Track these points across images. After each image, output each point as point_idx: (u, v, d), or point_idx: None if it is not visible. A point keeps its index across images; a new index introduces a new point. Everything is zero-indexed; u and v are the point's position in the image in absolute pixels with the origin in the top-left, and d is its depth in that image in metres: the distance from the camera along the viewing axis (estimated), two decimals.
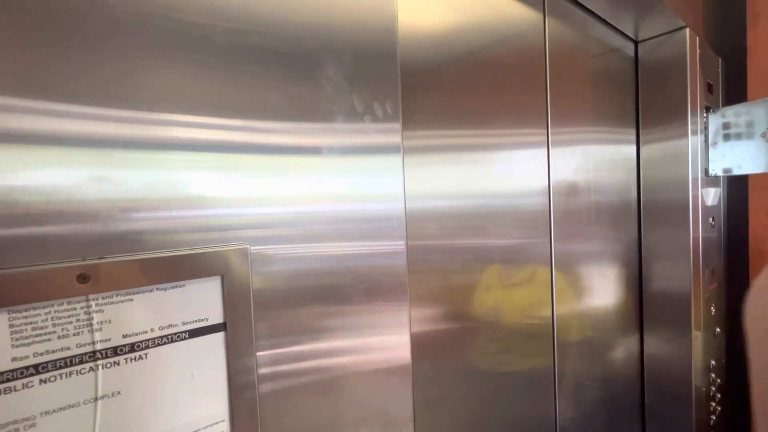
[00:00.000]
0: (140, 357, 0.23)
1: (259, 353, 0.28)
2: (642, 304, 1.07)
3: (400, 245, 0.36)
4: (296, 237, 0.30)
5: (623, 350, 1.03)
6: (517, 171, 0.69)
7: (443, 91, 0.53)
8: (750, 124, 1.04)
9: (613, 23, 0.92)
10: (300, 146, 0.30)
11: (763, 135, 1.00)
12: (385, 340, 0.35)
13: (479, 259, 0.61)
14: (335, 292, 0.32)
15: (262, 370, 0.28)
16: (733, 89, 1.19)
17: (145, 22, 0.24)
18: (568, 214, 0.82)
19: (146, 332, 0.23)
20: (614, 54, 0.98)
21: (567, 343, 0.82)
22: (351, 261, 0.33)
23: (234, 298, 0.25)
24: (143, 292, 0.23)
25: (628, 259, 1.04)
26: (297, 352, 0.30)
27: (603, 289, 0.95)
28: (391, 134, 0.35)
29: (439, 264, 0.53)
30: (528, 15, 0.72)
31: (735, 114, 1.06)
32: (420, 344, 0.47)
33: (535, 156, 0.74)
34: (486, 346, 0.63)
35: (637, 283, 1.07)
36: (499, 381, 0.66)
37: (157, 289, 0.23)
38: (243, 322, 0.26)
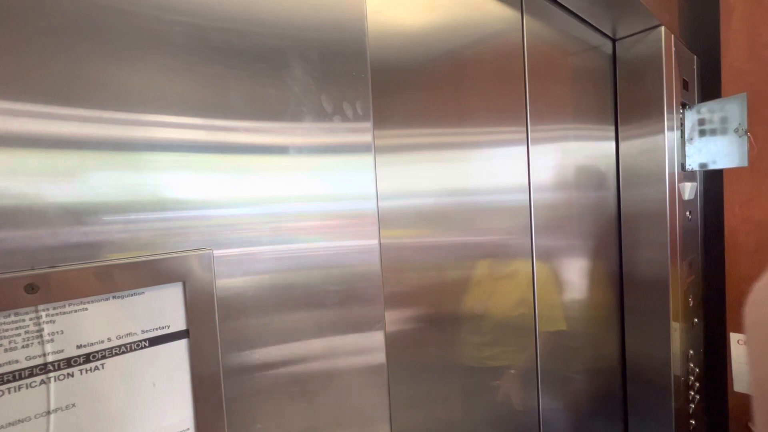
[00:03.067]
0: (96, 368, 0.22)
1: (225, 359, 0.27)
2: (623, 297, 1.10)
3: (372, 244, 0.35)
4: (263, 239, 0.29)
5: (605, 342, 1.05)
6: (496, 168, 0.70)
7: (419, 89, 0.53)
8: (724, 120, 1.07)
9: (590, 21, 0.94)
10: (266, 145, 0.29)
11: (736, 130, 1.03)
12: (358, 341, 0.35)
13: (458, 256, 0.61)
14: (305, 294, 0.32)
15: (230, 376, 0.28)
16: (708, 86, 1.22)
17: (98, 18, 0.23)
18: (549, 210, 0.83)
19: (102, 342, 0.22)
20: (593, 52, 0.99)
21: (549, 336, 0.83)
22: (322, 261, 0.33)
23: (197, 304, 0.25)
24: (98, 300, 0.22)
25: (609, 252, 1.06)
26: (266, 357, 0.30)
27: (585, 283, 0.97)
28: (361, 134, 0.35)
29: (416, 262, 0.53)
30: (505, 13, 0.73)
31: (710, 110, 1.08)
32: (396, 343, 0.47)
33: (515, 153, 0.75)
34: (467, 342, 0.64)
35: (617, 276, 1.09)
36: (480, 376, 0.67)
37: (114, 297, 0.23)
38: (207, 328, 0.25)
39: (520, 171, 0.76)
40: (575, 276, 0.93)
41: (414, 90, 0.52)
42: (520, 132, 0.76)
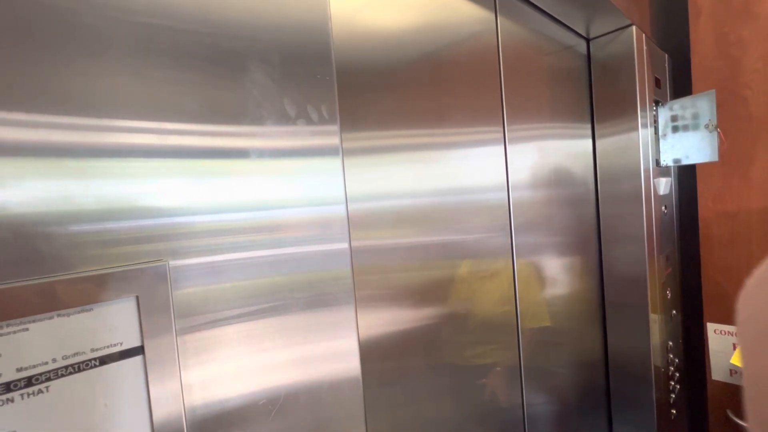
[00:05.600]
0: (40, 391, 0.21)
1: (185, 375, 0.26)
2: (603, 291, 1.11)
3: (342, 248, 0.35)
4: (225, 246, 0.28)
5: (588, 336, 1.07)
6: (474, 168, 0.70)
7: (393, 91, 0.53)
8: (695, 116, 1.10)
9: (564, 21, 0.95)
10: (223, 149, 0.28)
11: (707, 126, 1.06)
12: (330, 350, 0.34)
13: (437, 256, 0.61)
14: (272, 302, 0.31)
15: (192, 393, 0.27)
16: (680, 83, 1.25)
17: (36, 17, 0.22)
18: (528, 208, 0.83)
19: (46, 363, 0.21)
20: (568, 51, 1.01)
21: (532, 333, 0.84)
22: (288, 267, 0.32)
23: (152, 318, 0.24)
24: (41, 320, 0.21)
25: (589, 248, 1.08)
26: (231, 371, 0.29)
27: (566, 278, 0.98)
28: (328, 137, 0.34)
29: (394, 263, 0.52)
30: (479, 13, 0.73)
31: (681, 107, 1.11)
32: (371, 349, 0.46)
33: (492, 152, 0.75)
34: (449, 342, 0.64)
35: (598, 271, 1.11)
36: (464, 376, 0.67)
37: (59, 315, 0.21)
38: (164, 343, 0.24)
39: (498, 170, 0.77)
40: (556, 272, 0.95)
41: (388, 91, 0.52)
42: (497, 132, 0.77)
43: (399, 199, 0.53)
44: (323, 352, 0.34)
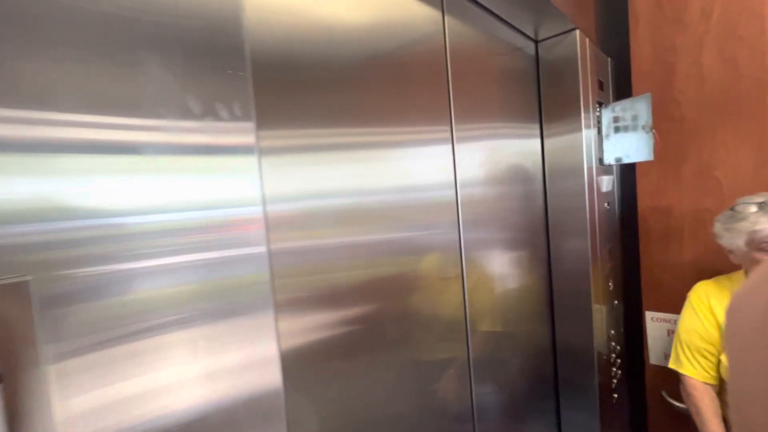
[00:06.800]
0: None
1: (66, 406, 0.24)
2: (552, 284, 1.17)
3: (258, 252, 0.33)
4: (115, 255, 0.26)
5: (537, 327, 1.12)
6: (417, 167, 0.70)
7: (324, 89, 0.52)
8: (634, 118, 1.16)
9: (512, 23, 0.97)
10: (112, 144, 0.26)
11: (644, 127, 1.13)
12: (246, 361, 0.32)
13: (370, 254, 0.61)
14: (177, 315, 0.29)
15: (76, 422, 0.24)
16: (622, 86, 1.32)
17: None
18: (477, 206, 0.85)
19: None
20: (517, 53, 1.03)
21: (481, 326, 0.86)
22: (197, 275, 0.30)
23: (12, 343, 0.21)
24: None
25: (538, 243, 1.12)
26: (127, 396, 0.27)
27: (516, 273, 1.01)
28: (240, 135, 0.32)
29: (320, 265, 0.50)
30: (424, 10, 0.73)
31: (622, 109, 1.18)
32: (295, 356, 0.44)
33: (438, 152, 0.76)
34: (392, 342, 0.64)
35: (546, 264, 1.15)
36: (410, 374, 0.67)
37: None
38: (27, 370, 0.22)
39: (445, 168, 0.77)
40: (506, 267, 0.98)
41: (319, 89, 0.50)
42: (444, 131, 0.77)
43: (330, 199, 0.52)
44: (238, 364, 0.32)
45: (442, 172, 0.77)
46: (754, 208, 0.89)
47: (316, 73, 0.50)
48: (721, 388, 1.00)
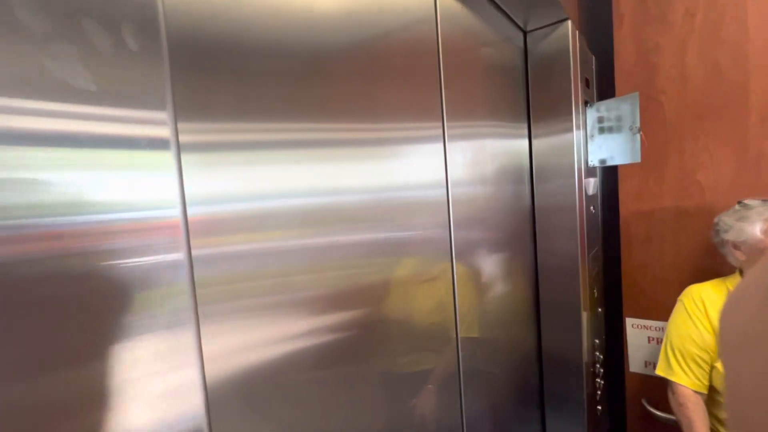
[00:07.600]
0: None
1: None
2: (538, 289, 1.09)
3: (175, 258, 0.21)
4: None
5: (523, 334, 1.03)
6: (410, 164, 0.58)
7: (270, 76, 0.37)
8: (619, 119, 1.12)
9: (503, 6, 0.88)
10: None
11: (631, 128, 1.09)
12: (158, 389, 0.20)
13: (356, 256, 0.48)
14: (57, 338, 0.16)
15: None
16: (604, 85, 1.28)
17: None
18: (466, 206, 0.75)
19: None
20: (505, 44, 0.95)
21: (470, 331, 0.76)
22: (88, 288, 0.17)
23: None
24: None
25: (526, 246, 1.04)
26: None
27: (503, 275, 0.92)
28: (149, 126, 0.21)
29: (259, 271, 0.35)
30: None
31: (607, 108, 1.13)
32: (227, 378, 0.29)
33: (426, 149, 0.65)
34: (374, 351, 0.51)
35: (533, 268, 1.08)
36: (397, 383, 0.55)
37: None
38: None
39: (434, 168, 0.66)
40: (495, 269, 0.88)
41: (262, 77, 0.36)
42: (436, 128, 0.67)
43: (275, 200, 0.38)
44: (148, 393, 0.19)
45: (435, 172, 0.66)
46: (759, 202, 0.91)
47: (266, 60, 0.36)
48: (710, 398, 0.97)
